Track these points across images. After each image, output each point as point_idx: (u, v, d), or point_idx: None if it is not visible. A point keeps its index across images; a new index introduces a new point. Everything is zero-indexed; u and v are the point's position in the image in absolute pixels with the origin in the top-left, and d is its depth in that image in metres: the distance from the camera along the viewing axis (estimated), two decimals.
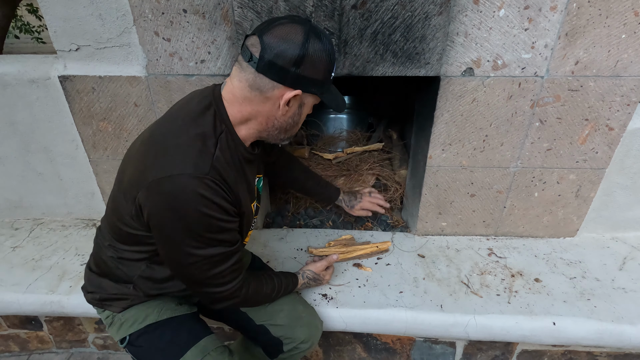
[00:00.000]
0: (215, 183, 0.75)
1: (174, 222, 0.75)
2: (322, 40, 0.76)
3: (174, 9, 1.12)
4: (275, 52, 0.73)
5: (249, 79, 0.77)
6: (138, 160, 0.80)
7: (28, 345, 1.53)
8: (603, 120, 1.25)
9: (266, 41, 0.74)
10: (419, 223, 1.51)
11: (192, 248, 0.77)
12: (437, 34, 1.09)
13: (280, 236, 1.56)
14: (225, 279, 0.85)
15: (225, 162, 0.80)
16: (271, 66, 0.74)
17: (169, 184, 0.73)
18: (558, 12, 1.08)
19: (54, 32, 1.21)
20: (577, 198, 1.42)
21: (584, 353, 1.30)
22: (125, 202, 0.81)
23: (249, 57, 0.76)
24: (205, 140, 0.78)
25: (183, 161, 0.74)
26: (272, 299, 1.04)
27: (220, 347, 0.98)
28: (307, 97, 0.83)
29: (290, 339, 1.06)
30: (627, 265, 1.40)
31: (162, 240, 0.80)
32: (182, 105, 0.87)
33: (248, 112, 0.82)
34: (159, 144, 0.79)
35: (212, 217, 0.76)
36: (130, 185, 0.79)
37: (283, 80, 0.76)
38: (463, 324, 1.19)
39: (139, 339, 0.94)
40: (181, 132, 0.79)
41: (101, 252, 0.93)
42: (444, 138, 1.30)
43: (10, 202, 1.62)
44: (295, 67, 0.74)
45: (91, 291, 0.97)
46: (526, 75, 1.18)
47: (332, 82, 0.85)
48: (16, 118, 1.41)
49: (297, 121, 0.87)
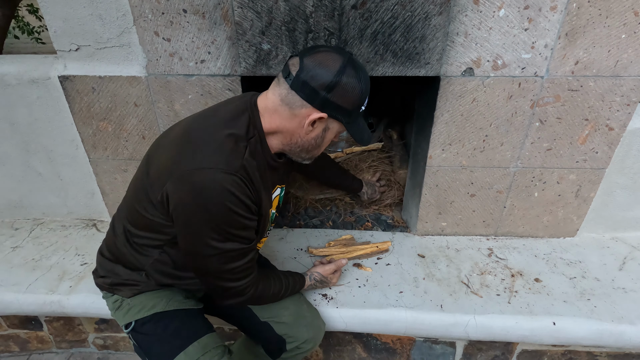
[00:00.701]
0: (243, 181, 0.79)
1: (199, 213, 0.78)
2: (358, 74, 0.81)
3: (174, 9, 1.12)
4: (311, 74, 0.78)
5: (282, 94, 0.82)
6: (172, 150, 0.84)
7: (28, 345, 1.53)
8: (603, 120, 1.25)
9: (305, 63, 0.79)
10: (419, 223, 1.51)
11: (212, 240, 0.80)
12: (437, 34, 1.09)
13: (281, 236, 1.56)
14: (239, 275, 0.88)
15: (253, 165, 0.83)
16: (304, 85, 0.79)
17: (200, 176, 0.76)
18: (558, 12, 1.08)
19: (54, 32, 1.21)
20: (577, 198, 1.42)
21: (584, 353, 1.30)
22: (151, 189, 0.84)
23: (287, 74, 0.81)
24: (238, 141, 0.82)
25: (216, 156, 0.78)
26: (279, 299, 1.05)
27: (221, 345, 0.99)
28: (333, 123, 0.86)
29: (293, 338, 1.07)
30: (627, 265, 1.40)
31: (184, 230, 0.82)
32: (221, 105, 0.92)
33: (276, 125, 0.86)
34: (195, 138, 0.83)
35: (235, 213, 0.79)
36: (160, 173, 0.83)
37: (312, 100, 0.80)
38: (463, 324, 1.19)
39: (144, 327, 0.96)
40: (217, 129, 0.83)
41: (116, 237, 0.95)
42: (444, 138, 1.30)
43: (10, 202, 1.62)
44: (327, 91, 0.79)
45: (103, 275, 0.99)
46: (526, 75, 1.18)
47: (361, 115, 0.89)
48: (16, 118, 1.41)
49: (320, 144, 0.91)
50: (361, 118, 0.90)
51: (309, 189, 1.72)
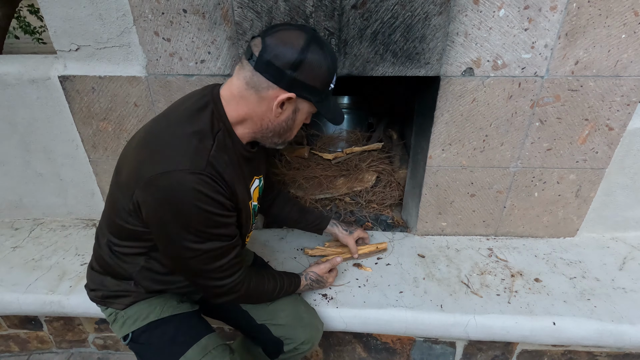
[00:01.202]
0: (211, 179, 0.76)
1: (172, 218, 0.76)
2: (324, 50, 0.78)
3: (174, 9, 1.12)
4: (274, 53, 0.75)
5: (246, 77, 0.79)
6: (135, 158, 0.81)
7: (28, 345, 1.53)
8: (603, 120, 1.25)
9: (268, 42, 0.76)
10: (419, 223, 1.51)
11: (190, 242, 0.79)
12: (437, 34, 1.09)
13: (281, 236, 1.56)
14: (225, 273, 0.86)
15: (222, 160, 0.80)
16: (268, 66, 0.76)
17: (166, 180, 0.74)
18: (558, 12, 1.08)
19: (54, 32, 1.21)
20: (577, 198, 1.42)
21: (584, 353, 1.30)
22: (123, 199, 0.82)
23: (249, 56, 0.78)
24: (202, 137, 0.79)
25: (179, 157, 0.75)
26: (274, 297, 1.04)
27: (221, 345, 0.98)
28: (302, 103, 0.84)
29: (290, 340, 1.06)
30: (627, 265, 1.40)
31: (160, 236, 0.81)
32: (179, 103, 0.88)
33: (244, 112, 0.83)
34: (155, 142, 0.80)
35: (209, 212, 0.77)
36: (127, 182, 0.80)
37: (278, 81, 0.77)
38: (463, 323, 1.19)
39: (142, 336, 0.95)
40: (178, 129, 0.80)
41: (101, 250, 0.94)
42: (444, 138, 1.30)
43: (10, 202, 1.62)
44: (292, 70, 0.76)
45: (93, 289, 0.98)
46: (526, 75, 1.18)
47: (330, 93, 0.85)
48: (16, 118, 1.41)
49: (291, 126, 0.88)
50: (332, 97, 0.87)
51: (309, 189, 1.72)
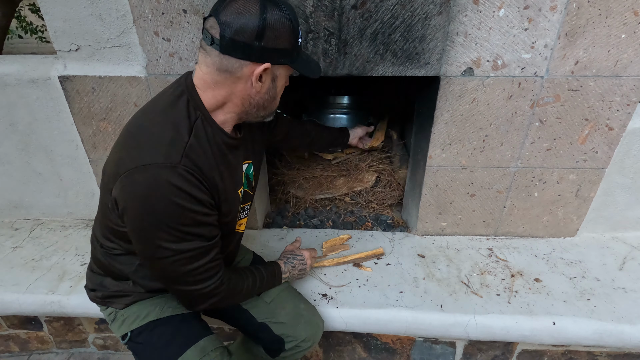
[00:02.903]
0: (188, 172, 0.73)
1: (146, 214, 0.73)
2: (281, 7, 0.73)
3: (174, 9, 1.12)
4: (235, 29, 0.71)
5: (215, 62, 0.75)
6: (115, 154, 0.80)
7: (28, 345, 1.53)
8: (603, 120, 1.25)
9: (223, 20, 0.71)
10: (419, 223, 1.51)
11: (164, 242, 0.75)
12: (437, 34, 1.09)
13: (280, 236, 1.56)
14: (202, 276, 0.82)
15: (201, 150, 0.78)
16: (234, 44, 0.72)
17: (140, 175, 0.72)
18: (558, 12, 1.08)
19: (54, 32, 1.21)
20: (577, 198, 1.42)
21: (584, 353, 1.30)
22: (105, 198, 0.81)
23: (211, 41, 0.73)
24: (179, 128, 0.76)
25: (154, 151, 0.73)
26: (257, 291, 1.02)
27: (219, 347, 0.98)
28: (279, 69, 0.81)
29: (292, 337, 1.06)
30: (627, 265, 1.40)
31: (134, 234, 0.78)
32: (156, 97, 0.86)
33: (222, 96, 0.80)
34: (132, 137, 0.79)
35: (185, 209, 0.73)
36: (108, 179, 0.79)
37: (249, 56, 0.74)
38: (463, 323, 1.19)
39: (140, 336, 0.94)
40: (153, 122, 0.78)
41: (96, 251, 0.94)
42: (444, 138, 1.30)
43: (10, 202, 1.62)
44: (258, 40, 0.72)
45: (93, 289, 0.97)
46: (526, 75, 1.18)
47: (300, 48, 0.82)
48: (16, 118, 1.41)
49: (274, 95, 0.85)
50: (302, 51, 0.84)
51: (309, 189, 1.72)
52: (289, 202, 1.73)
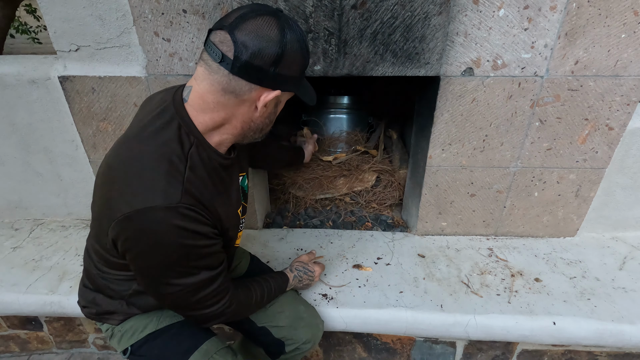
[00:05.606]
0: (189, 209, 0.68)
1: (151, 258, 0.70)
2: (295, 32, 0.70)
3: (174, 9, 1.12)
4: (252, 52, 0.66)
5: (222, 82, 0.69)
6: (102, 190, 0.74)
7: (28, 345, 1.53)
8: (603, 120, 1.25)
9: (240, 39, 0.66)
10: (419, 223, 1.51)
11: (172, 279, 0.73)
12: (436, 34, 1.09)
13: (280, 236, 1.56)
14: (211, 301, 0.81)
15: (199, 181, 0.73)
16: (248, 67, 0.67)
17: (140, 220, 0.66)
18: (558, 11, 1.08)
19: (53, 32, 1.21)
20: (577, 198, 1.42)
21: (584, 353, 1.30)
22: (100, 232, 0.76)
23: (220, 58, 0.67)
24: (172, 160, 0.70)
25: (150, 191, 0.67)
26: (265, 303, 1.02)
27: (223, 348, 0.96)
28: (284, 95, 0.78)
29: (292, 340, 1.06)
30: (627, 264, 1.40)
31: (139, 273, 0.76)
32: (139, 122, 0.78)
33: (222, 118, 0.74)
34: (120, 173, 0.71)
35: (191, 247, 0.70)
36: (99, 217, 0.75)
37: (261, 81, 0.70)
38: (463, 323, 1.19)
39: (141, 349, 0.92)
40: (142, 154, 0.70)
41: (91, 267, 0.90)
42: (444, 138, 1.30)
43: (10, 202, 1.62)
44: (274, 66, 0.68)
45: (85, 306, 0.94)
46: (526, 75, 1.18)
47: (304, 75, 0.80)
48: (16, 118, 1.41)
49: (272, 120, 0.83)
50: (304, 77, 0.80)
51: (309, 189, 1.72)
52: (289, 202, 1.73)
